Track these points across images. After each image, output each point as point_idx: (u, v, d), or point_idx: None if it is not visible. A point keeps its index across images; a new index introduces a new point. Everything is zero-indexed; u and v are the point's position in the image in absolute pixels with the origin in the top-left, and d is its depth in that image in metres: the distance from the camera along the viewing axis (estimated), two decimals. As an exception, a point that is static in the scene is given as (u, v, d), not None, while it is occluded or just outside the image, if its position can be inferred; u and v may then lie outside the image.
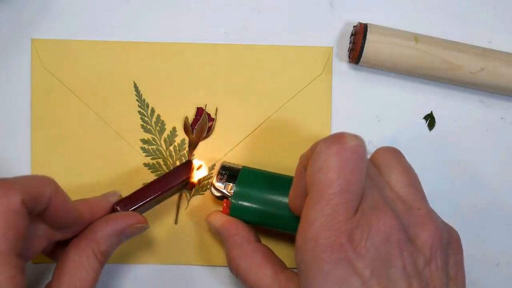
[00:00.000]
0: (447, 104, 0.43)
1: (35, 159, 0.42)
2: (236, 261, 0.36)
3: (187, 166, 0.39)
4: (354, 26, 0.42)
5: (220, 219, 0.38)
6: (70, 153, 0.42)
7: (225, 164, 0.39)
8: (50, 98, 0.42)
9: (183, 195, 0.42)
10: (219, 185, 0.38)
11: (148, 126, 0.42)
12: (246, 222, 0.38)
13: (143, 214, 0.38)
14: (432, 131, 0.43)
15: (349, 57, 0.42)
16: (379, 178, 0.34)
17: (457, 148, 0.43)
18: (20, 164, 0.42)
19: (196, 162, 0.41)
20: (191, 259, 0.42)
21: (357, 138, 0.32)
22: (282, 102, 0.43)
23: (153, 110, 0.42)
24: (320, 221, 0.30)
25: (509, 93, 0.42)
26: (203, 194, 0.42)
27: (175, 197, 0.42)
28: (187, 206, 0.42)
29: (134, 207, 0.38)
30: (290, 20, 0.43)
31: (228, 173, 0.39)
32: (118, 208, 0.38)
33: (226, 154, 0.42)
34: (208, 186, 0.39)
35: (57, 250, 0.36)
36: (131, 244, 0.42)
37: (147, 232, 0.42)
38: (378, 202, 0.32)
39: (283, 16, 0.43)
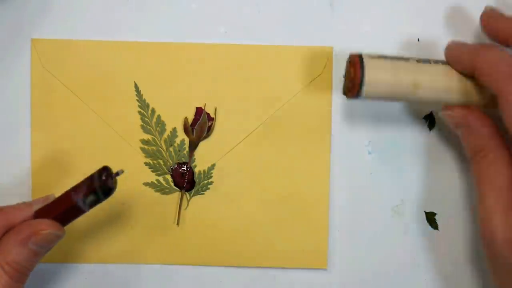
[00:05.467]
0: (447, 104, 0.43)
1: (35, 159, 0.42)
2: (486, 151, 0.36)
3: (101, 173, 0.34)
4: (348, 59, 0.38)
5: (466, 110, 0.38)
6: (70, 153, 0.42)
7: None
8: (50, 98, 0.42)
9: (183, 195, 0.42)
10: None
11: (148, 127, 0.42)
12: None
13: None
14: (432, 131, 0.43)
15: (343, 93, 0.39)
16: None
17: (457, 148, 0.43)
18: (20, 164, 0.42)
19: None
20: (192, 259, 0.42)
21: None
22: (282, 102, 0.43)
23: (153, 111, 0.42)
24: None
25: None
26: (203, 194, 0.42)
27: (176, 197, 0.42)
28: (187, 206, 0.42)
29: (52, 217, 0.35)
30: (290, 20, 0.43)
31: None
32: (36, 217, 0.35)
33: (226, 154, 0.42)
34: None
35: None
36: (133, 244, 0.42)
37: (149, 233, 0.42)
38: None
39: (283, 16, 0.43)
